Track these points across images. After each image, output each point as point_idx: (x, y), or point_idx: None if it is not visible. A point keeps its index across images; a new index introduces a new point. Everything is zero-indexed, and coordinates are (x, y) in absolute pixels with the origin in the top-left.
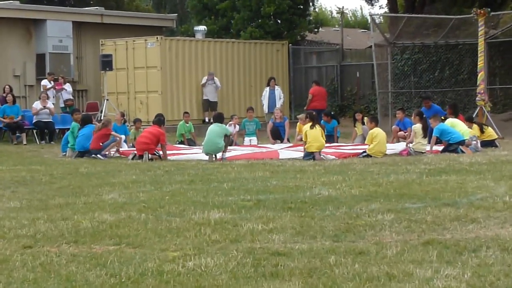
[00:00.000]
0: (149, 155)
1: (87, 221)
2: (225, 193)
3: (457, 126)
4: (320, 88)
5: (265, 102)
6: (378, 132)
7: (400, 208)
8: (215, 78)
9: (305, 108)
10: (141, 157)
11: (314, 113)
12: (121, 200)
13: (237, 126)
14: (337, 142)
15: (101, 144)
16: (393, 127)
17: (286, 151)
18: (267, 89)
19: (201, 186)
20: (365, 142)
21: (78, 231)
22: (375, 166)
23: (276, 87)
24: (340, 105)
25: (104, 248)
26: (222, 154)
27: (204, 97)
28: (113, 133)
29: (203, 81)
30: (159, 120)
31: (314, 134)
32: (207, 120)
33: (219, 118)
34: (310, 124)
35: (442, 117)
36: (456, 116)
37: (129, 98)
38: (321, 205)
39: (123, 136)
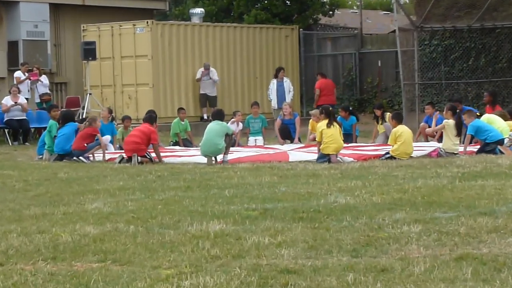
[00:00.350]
0: (139, 157)
1: (67, 235)
2: (226, 201)
3: (494, 122)
4: (327, 81)
5: (273, 97)
6: (402, 130)
7: (429, 218)
8: (212, 70)
9: (314, 105)
10: (129, 159)
11: (331, 108)
12: (107, 210)
13: (240, 124)
14: (356, 142)
15: (85, 145)
16: (421, 124)
17: (297, 153)
18: (275, 81)
19: (199, 193)
20: (388, 142)
21: (56, 246)
22: (400, 169)
23: (285, 78)
24: (359, 99)
25: (87, 265)
26: (223, 156)
27: (201, 92)
28: (99, 135)
29: (198, 75)
30: (150, 117)
31: (332, 134)
32: (205, 117)
33: (219, 115)
34: (326, 121)
35: (477, 113)
36: (494, 107)
37: (116, 92)
38: (338, 215)
39: (108, 137)
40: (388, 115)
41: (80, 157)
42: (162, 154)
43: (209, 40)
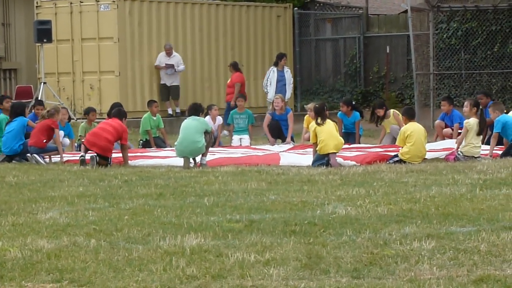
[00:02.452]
0: (97, 157)
1: (16, 249)
2: (205, 212)
3: None
4: (242, 75)
5: (271, 89)
6: (413, 129)
7: (443, 233)
8: (175, 54)
9: (232, 103)
10: (90, 159)
11: (324, 104)
12: (63, 221)
13: (219, 119)
14: (359, 143)
15: (44, 141)
16: (437, 121)
17: (289, 154)
18: (275, 69)
19: (173, 201)
20: (396, 143)
21: (3, 263)
22: (411, 175)
23: (286, 68)
24: (363, 92)
25: (39, 286)
26: (201, 158)
27: (161, 82)
28: (56, 132)
29: (157, 62)
30: (120, 112)
31: (326, 130)
32: (170, 112)
33: (196, 110)
34: (316, 119)
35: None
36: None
37: (75, 81)
38: (336, 228)
39: (66, 139)
40: (391, 112)
41: (36, 155)
42: (130, 155)
43: (186, 20)
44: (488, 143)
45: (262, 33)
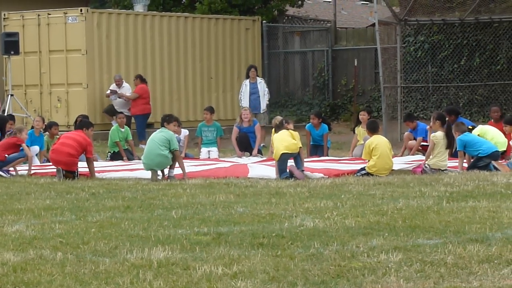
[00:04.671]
0: (63, 170)
1: None
2: (173, 224)
3: (488, 133)
4: (146, 86)
5: (245, 101)
6: (378, 141)
7: (410, 245)
8: (125, 85)
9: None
10: (66, 171)
11: (283, 120)
12: (30, 234)
13: (184, 131)
14: (327, 155)
15: (6, 156)
16: (406, 133)
17: (257, 166)
18: (247, 82)
19: (141, 214)
20: (362, 157)
21: None
22: (378, 187)
23: (259, 79)
24: (331, 105)
25: None
26: (169, 171)
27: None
28: (24, 145)
29: (109, 90)
30: (82, 123)
31: (278, 137)
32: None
33: (163, 121)
34: (276, 132)
35: (470, 127)
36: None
37: (42, 93)
38: (304, 241)
39: (36, 148)
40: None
41: None
42: (97, 168)
43: (155, 32)
44: (455, 155)
45: (231, 45)
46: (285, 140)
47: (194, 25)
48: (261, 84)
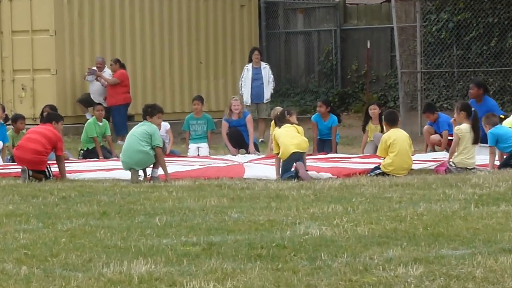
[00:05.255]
0: (30, 171)
1: None
2: (156, 233)
3: None
4: (125, 72)
5: (246, 89)
6: (396, 136)
7: (433, 256)
8: (106, 70)
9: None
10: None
11: (285, 111)
12: None
13: (166, 124)
14: (336, 152)
15: None
16: (425, 127)
17: (255, 166)
18: (249, 66)
19: (119, 221)
20: (377, 153)
21: None
22: (395, 189)
23: (263, 64)
24: (340, 93)
25: None
26: (152, 171)
27: (89, 91)
28: None
29: (88, 78)
30: (51, 116)
31: (285, 132)
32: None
33: (145, 113)
34: (277, 125)
35: (502, 116)
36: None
37: (4, 80)
38: (309, 252)
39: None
40: None
41: None
42: (69, 168)
43: (135, 11)
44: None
45: (223, 26)
46: (295, 136)
47: (180, 2)
48: (266, 70)
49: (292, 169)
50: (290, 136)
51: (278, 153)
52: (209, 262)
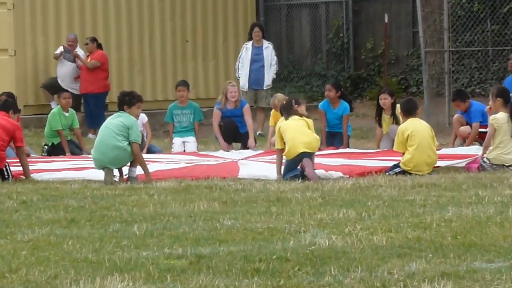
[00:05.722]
0: None
1: None
2: (135, 244)
3: None
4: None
5: (243, 72)
6: (414, 127)
7: (464, 270)
8: (79, 49)
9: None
10: None
11: (297, 100)
12: None
13: (143, 116)
14: (348, 147)
15: None
16: (454, 117)
17: (252, 163)
18: (248, 45)
19: (90, 230)
20: (394, 148)
21: None
22: (418, 191)
23: (266, 43)
24: (352, 77)
25: None
26: (129, 170)
27: (56, 75)
28: None
29: (58, 50)
30: (9, 104)
31: (293, 126)
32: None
33: (122, 103)
34: (283, 117)
35: None
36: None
37: None
38: (316, 265)
39: None
40: (398, 106)
41: None
42: (31, 166)
43: None
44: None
45: None
46: (305, 133)
47: None
48: (268, 50)
49: (298, 167)
50: (299, 132)
51: (281, 149)
52: (198, 278)
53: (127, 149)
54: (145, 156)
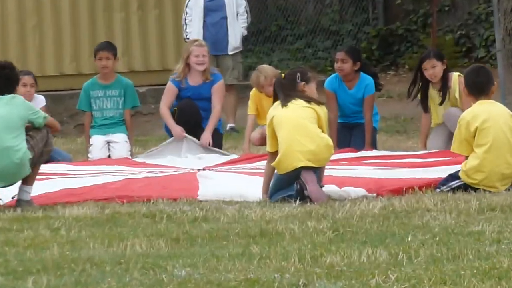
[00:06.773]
0: None
1: None
2: None
3: None
4: None
5: (194, 26)
6: (487, 115)
7: None
8: None
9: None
10: None
11: (304, 75)
12: None
13: (41, 98)
14: (375, 148)
15: None
16: None
17: (217, 176)
18: None
19: None
20: (452, 149)
21: None
22: (489, 217)
23: None
24: (382, 34)
25: None
26: (21, 188)
27: None
28: None
29: None
30: None
31: (294, 120)
32: None
33: (7, 84)
34: (280, 101)
35: None
36: None
37: None
38: None
39: None
40: (455, 75)
41: None
42: None
43: None
44: None
45: None
46: (309, 134)
47: None
48: None
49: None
50: (300, 132)
51: (274, 153)
52: None
53: (20, 154)
54: (45, 167)
